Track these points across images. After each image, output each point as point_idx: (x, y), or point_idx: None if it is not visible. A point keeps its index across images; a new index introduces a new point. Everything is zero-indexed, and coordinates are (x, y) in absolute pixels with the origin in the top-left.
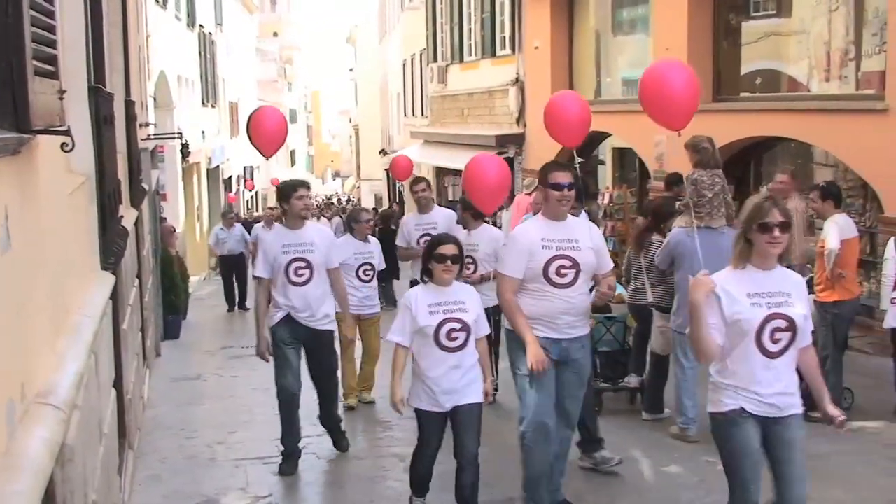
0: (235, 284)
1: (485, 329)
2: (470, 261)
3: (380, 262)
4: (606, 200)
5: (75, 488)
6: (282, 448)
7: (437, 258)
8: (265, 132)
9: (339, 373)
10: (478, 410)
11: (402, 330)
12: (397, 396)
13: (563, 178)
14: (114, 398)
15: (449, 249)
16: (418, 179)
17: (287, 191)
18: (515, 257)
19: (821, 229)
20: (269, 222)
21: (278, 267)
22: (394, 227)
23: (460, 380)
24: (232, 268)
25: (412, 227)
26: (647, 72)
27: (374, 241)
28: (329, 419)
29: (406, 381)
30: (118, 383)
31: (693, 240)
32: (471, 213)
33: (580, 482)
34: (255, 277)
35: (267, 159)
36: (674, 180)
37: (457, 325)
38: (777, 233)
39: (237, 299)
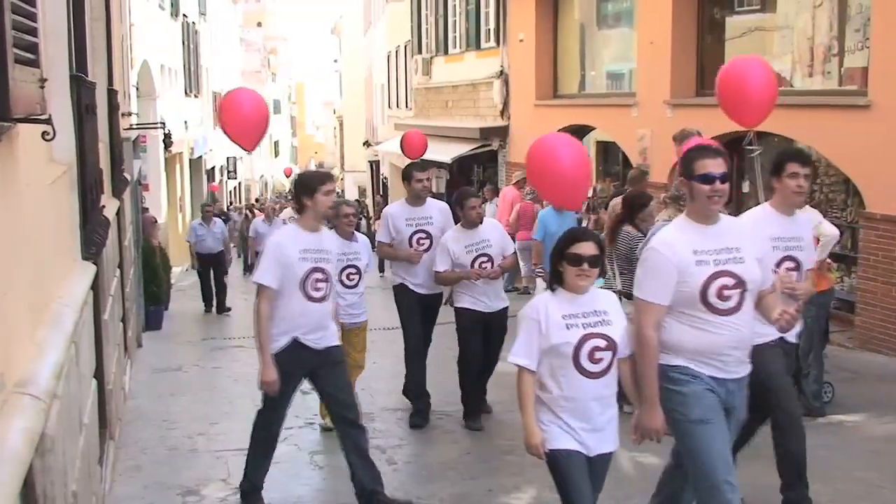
0: (213, 285)
1: (628, 347)
2: (486, 258)
3: (368, 264)
4: (590, 194)
5: (55, 478)
6: (244, 485)
7: (571, 259)
8: (242, 120)
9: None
10: (610, 460)
11: (528, 349)
12: (536, 437)
13: (715, 166)
14: (94, 388)
15: (587, 248)
16: (422, 166)
17: (311, 184)
18: (661, 278)
19: None
20: (270, 216)
21: (292, 277)
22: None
23: (601, 415)
24: (210, 267)
25: (401, 222)
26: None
27: (361, 238)
28: (360, 451)
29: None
30: (99, 373)
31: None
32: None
33: None
34: (258, 284)
35: (249, 153)
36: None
37: (601, 343)
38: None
39: (215, 300)
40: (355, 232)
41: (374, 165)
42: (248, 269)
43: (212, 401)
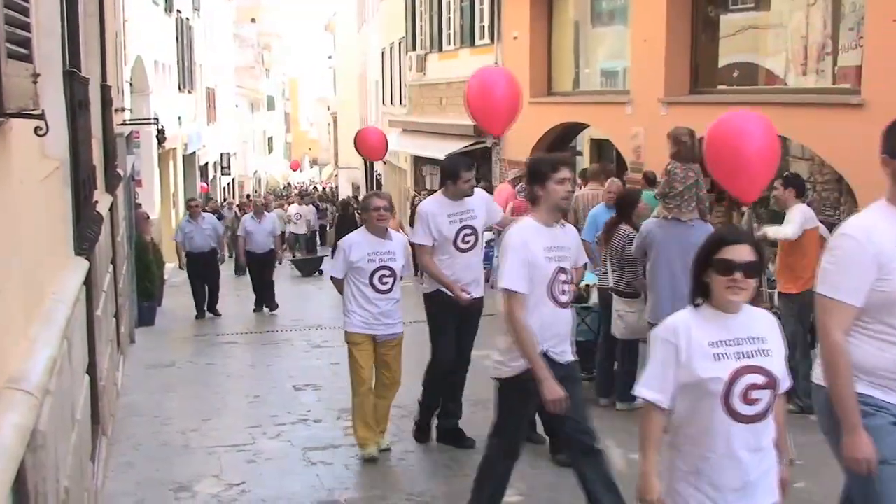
0: (206, 287)
1: (787, 379)
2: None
3: (406, 266)
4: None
5: (47, 474)
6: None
7: (720, 267)
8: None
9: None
10: None
11: (661, 381)
12: (654, 491)
13: None
14: (87, 384)
15: (741, 253)
16: (469, 163)
17: (542, 170)
18: (854, 271)
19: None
20: (260, 212)
21: (540, 279)
22: (351, 213)
23: (757, 467)
24: (200, 268)
25: (443, 220)
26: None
27: (397, 236)
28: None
29: None
30: (92, 369)
31: (663, 230)
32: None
33: (554, 476)
34: (506, 291)
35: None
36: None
37: (759, 379)
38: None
39: (207, 304)
40: (389, 229)
41: (369, 162)
42: (240, 269)
43: (204, 397)
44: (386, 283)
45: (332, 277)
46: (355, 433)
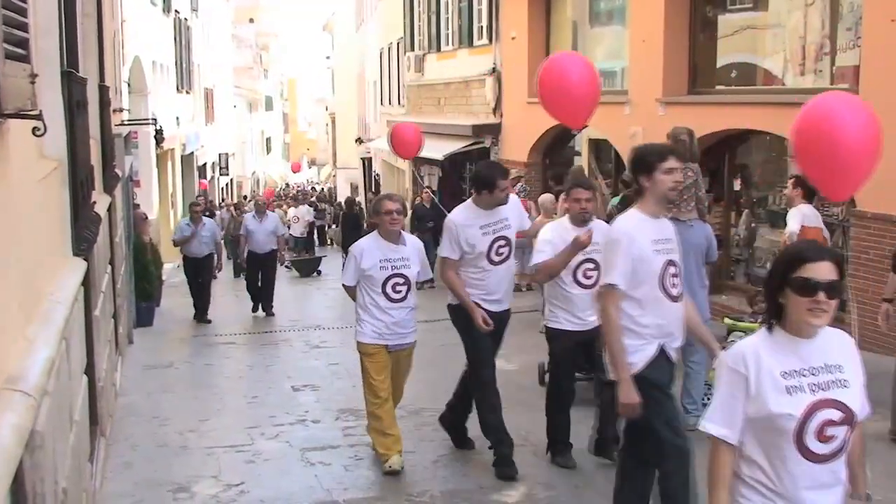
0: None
1: (866, 407)
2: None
3: (422, 272)
4: None
5: (45, 475)
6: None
7: (799, 287)
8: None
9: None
10: None
11: (729, 415)
12: None
13: None
14: (85, 385)
15: (823, 271)
16: (505, 170)
17: (649, 159)
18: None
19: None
20: (262, 211)
21: (649, 274)
22: (356, 211)
23: None
24: (197, 272)
25: (475, 232)
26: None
27: (411, 241)
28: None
29: None
30: (90, 370)
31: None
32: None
33: (552, 473)
34: (607, 286)
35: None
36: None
37: (835, 415)
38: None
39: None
40: (403, 233)
41: (367, 162)
42: (239, 269)
43: (203, 397)
44: (399, 291)
45: (343, 285)
46: (374, 446)
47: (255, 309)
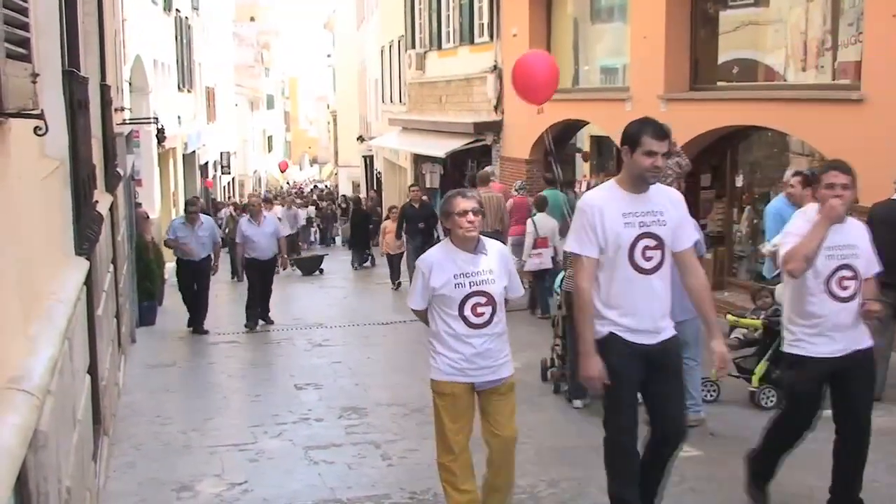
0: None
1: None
2: (851, 275)
3: (510, 287)
4: (584, 189)
5: (48, 474)
6: None
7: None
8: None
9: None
10: None
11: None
12: None
13: None
14: (88, 384)
15: None
16: (660, 128)
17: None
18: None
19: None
20: (257, 214)
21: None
22: (364, 209)
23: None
24: (193, 277)
25: (616, 221)
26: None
27: (493, 247)
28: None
29: None
30: (92, 369)
31: None
32: None
33: (555, 470)
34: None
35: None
36: None
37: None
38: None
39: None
40: (483, 239)
41: (368, 160)
42: (237, 274)
43: (206, 396)
44: (482, 313)
45: (412, 308)
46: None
47: (252, 327)
